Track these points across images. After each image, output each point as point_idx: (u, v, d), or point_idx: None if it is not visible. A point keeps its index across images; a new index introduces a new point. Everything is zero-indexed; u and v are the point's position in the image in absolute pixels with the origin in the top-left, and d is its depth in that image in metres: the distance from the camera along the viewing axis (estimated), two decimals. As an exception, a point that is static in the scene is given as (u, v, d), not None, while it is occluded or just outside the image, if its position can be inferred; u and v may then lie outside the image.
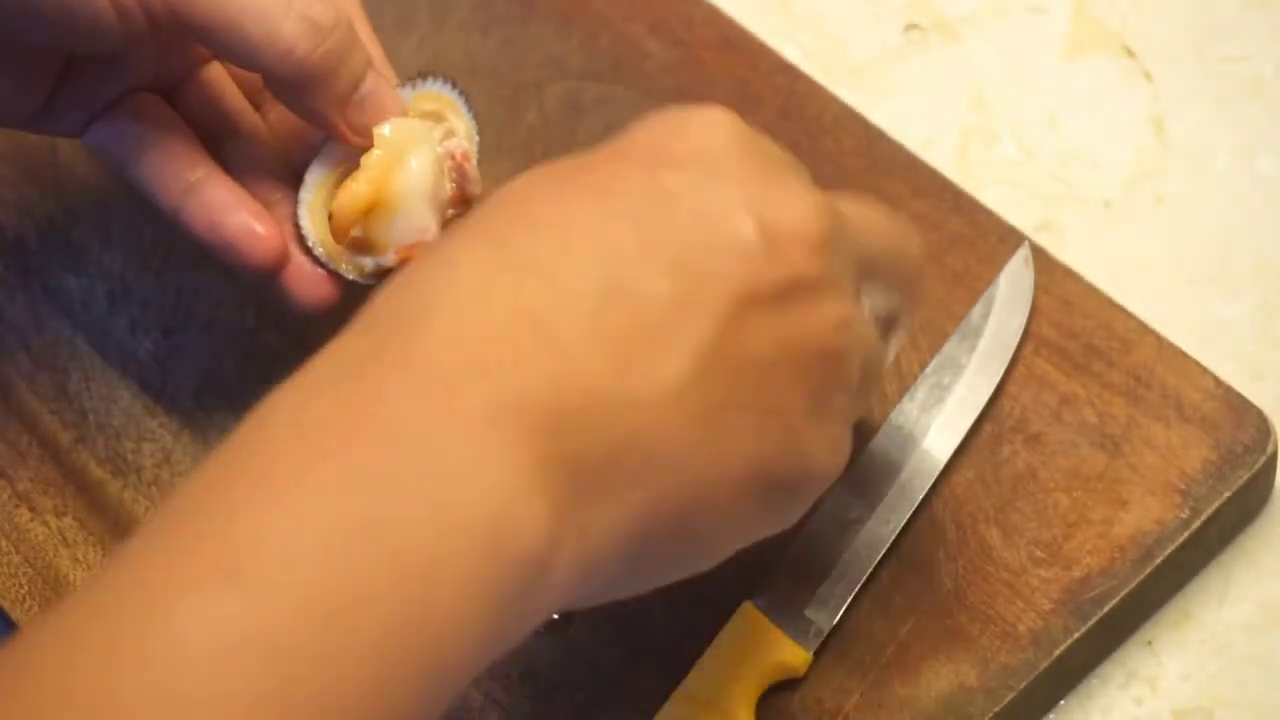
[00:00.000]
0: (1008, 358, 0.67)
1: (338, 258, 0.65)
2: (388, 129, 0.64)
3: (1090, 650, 0.64)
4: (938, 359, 0.67)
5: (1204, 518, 0.64)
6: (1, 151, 0.77)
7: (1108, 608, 0.63)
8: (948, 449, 0.66)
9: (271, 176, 0.66)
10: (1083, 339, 0.67)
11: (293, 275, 0.65)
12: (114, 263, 0.74)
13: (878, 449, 0.66)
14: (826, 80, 0.75)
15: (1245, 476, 0.64)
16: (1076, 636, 0.62)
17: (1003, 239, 0.70)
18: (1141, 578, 0.63)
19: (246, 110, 0.68)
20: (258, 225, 0.64)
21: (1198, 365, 0.66)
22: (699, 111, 0.52)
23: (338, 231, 0.64)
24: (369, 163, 0.64)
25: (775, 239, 0.50)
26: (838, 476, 0.54)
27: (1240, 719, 0.64)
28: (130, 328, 0.73)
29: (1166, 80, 0.76)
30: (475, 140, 0.66)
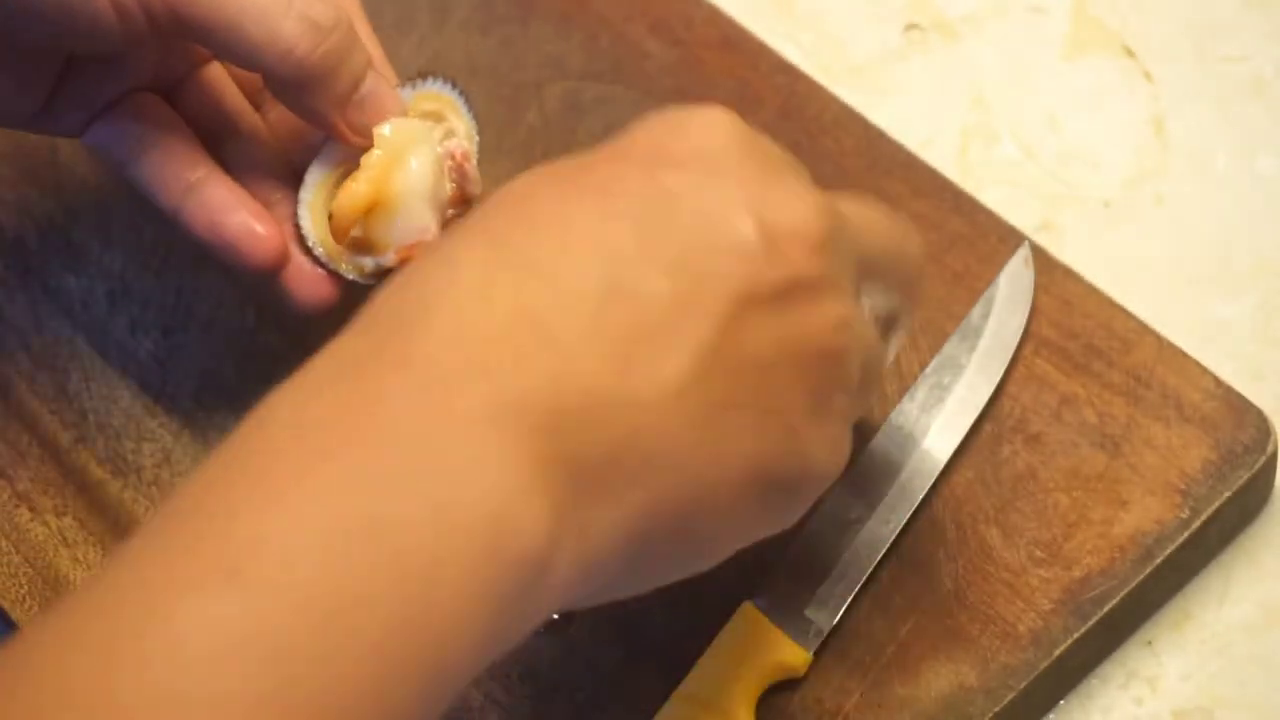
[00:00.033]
0: (1008, 358, 0.67)
1: (338, 258, 0.65)
2: (388, 129, 0.64)
3: (1090, 650, 0.64)
4: (938, 359, 0.67)
5: (1204, 518, 0.64)
6: (1, 151, 0.77)
7: (1108, 608, 0.63)
8: (948, 449, 0.66)
9: (271, 176, 0.66)
10: (1083, 339, 0.67)
11: (293, 275, 0.65)
12: (114, 263, 0.74)
13: (878, 449, 0.66)
14: (826, 80, 0.75)
15: (1245, 476, 0.64)
16: (1076, 636, 0.62)
17: (1003, 239, 0.70)
18: (1141, 578, 0.63)
19: (246, 110, 0.68)
20: (258, 225, 0.64)
21: (1198, 365, 0.66)
22: (699, 111, 0.52)
23: (338, 231, 0.64)
24: (369, 163, 0.64)
25: (775, 239, 0.50)
26: (837, 476, 0.54)
27: (1240, 719, 0.64)
28: (130, 328, 0.73)
29: (1166, 80, 0.76)
30: (475, 140, 0.66)
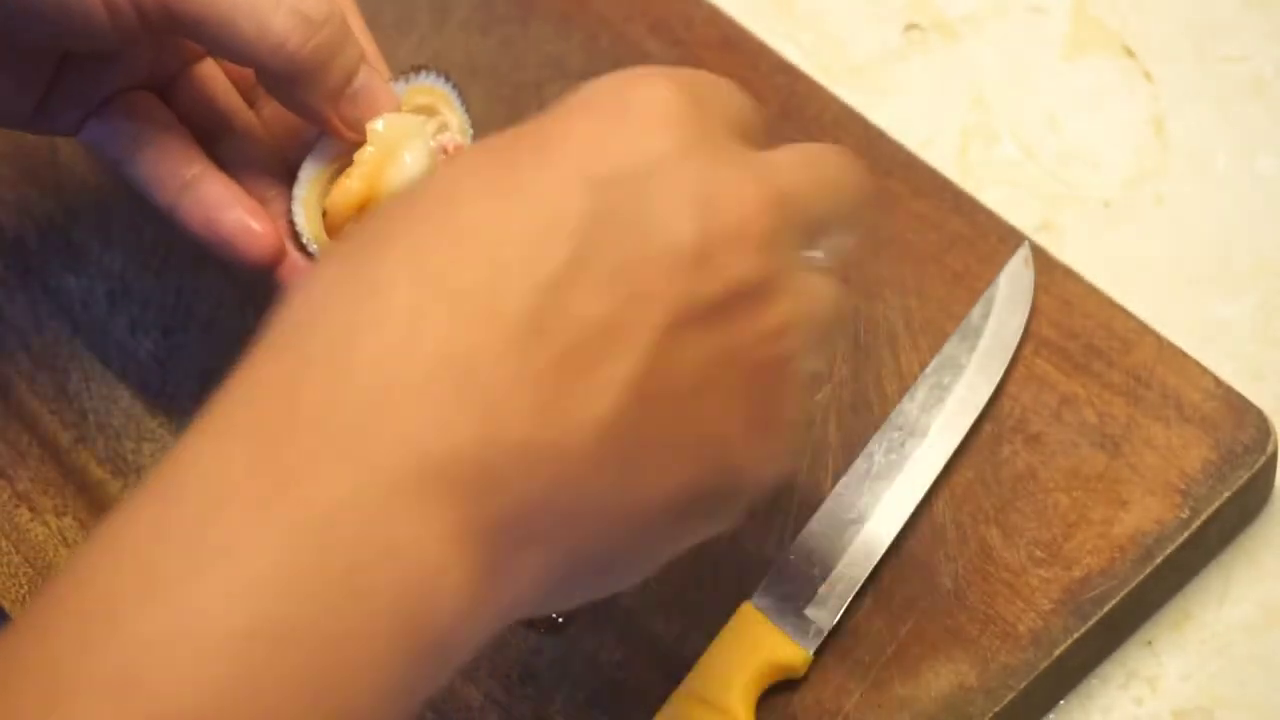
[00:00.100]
0: (1008, 358, 0.67)
1: (334, 255, 0.65)
2: (381, 124, 0.64)
3: (1090, 650, 0.64)
4: (938, 359, 0.67)
5: (1204, 518, 0.64)
6: (1, 151, 0.77)
7: (1108, 608, 0.63)
8: (948, 449, 0.66)
9: (266, 173, 0.66)
10: (1083, 339, 0.67)
11: (288, 271, 0.65)
12: (114, 263, 0.74)
13: (877, 448, 0.66)
14: (826, 80, 0.75)
15: (1245, 476, 0.64)
16: (1076, 636, 0.62)
17: (1003, 239, 0.70)
18: (1141, 578, 0.63)
19: (240, 107, 0.68)
20: (253, 222, 0.64)
21: (1198, 365, 0.66)
22: (637, 90, 0.49)
23: (332, 228, 0.64)
24: (362, 159, 0.63)
25: (715, 245, 0.47)
26: (783, 478, 0.51)
27: (1240, 719, 0.64)
28: (130, 328, 0.73)
29: (1166, 80, 0.76)
30: (469, 133, 0.66)
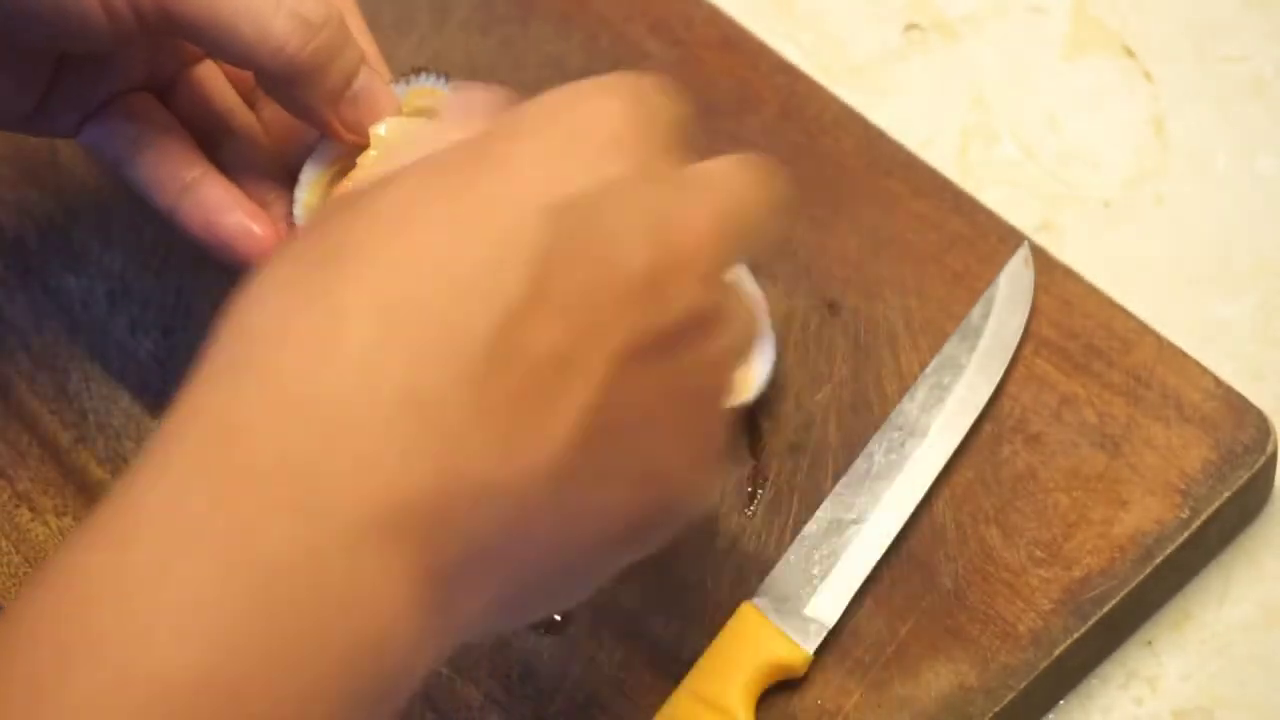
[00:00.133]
0: (1008, 358, 0.67)
1: (335, 258, 0.65)
2: (383, 128, 0.64)
3: (1090, 650, 0.64)
4: (938, 359, 0.67)
5: (1204, 518, 0.64)
6: (1, 152, 0.77)
7: (1108, 608, 0.63)
8: (948, 449, 0.66)
9: (267, 176, 0.66)
10: (1083, 339, 0.67)
11: None
12: (114, 263, 0.74)
13: (877, 448, 0.66)
14: (826, 80, 0.75)
15: (1245, 476, 0.64)
16: (1076, 636, 0.62)
17: (1003, 239, 0.70)
18: (1141, 578, 0.63)
19: (241, 109, 0.67)
20: (254, 224, 0.64)
21: (1198, 365, 0.66)
22: (587, 116, 0.49)
23: None
24: (365, 162, 0.63)
25: (668, 274, 0.47)
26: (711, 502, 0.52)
27: (1240, 719, 0.64)
28: (130, 328, 0.73)
29: (1166, 80, 0.76)
30: None
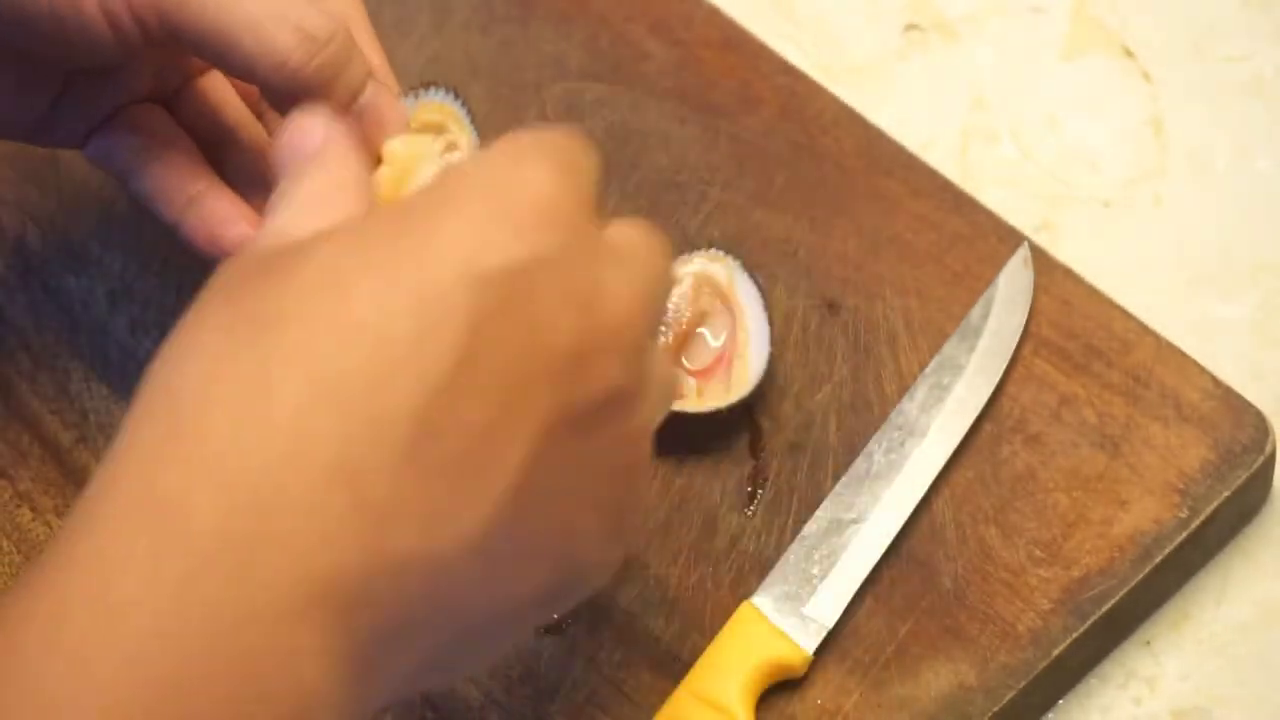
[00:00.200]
0: (1007, 358, 0.67)
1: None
2: (399, 144, 0.63)
3: (1089, 650, 0.64)
4: (938, 359, 0.67)
5: (1203, 517, 0.64)
6: (2, 152, 0.77)
7: (1107, 607, 0.63)
8: (948, 449, 0.66)
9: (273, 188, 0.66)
10: (1082, 339, 0.68)
11: None
12: (114, 263, 0.74)
13: (877, 448, 0.66)
14: (826, 80, 0.75)
15: (1244, 476, 0.64)
16: (1076, 636, 0.62)
17: (1002, 239, 0.70)
18: (1140, 577, 0.63)
19: (248, 120, 0.67)
20: None
21: (1196, 365, 0.66)
22: (518, 184, 0.48)
23: None
24: (377, 180, 0.62)
25: (594, 349, 0.48)
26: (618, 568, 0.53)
27: (1239, 718, 0.64)
28: (130, 328, 0.73)
29: (1166, 80, 0.76)
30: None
